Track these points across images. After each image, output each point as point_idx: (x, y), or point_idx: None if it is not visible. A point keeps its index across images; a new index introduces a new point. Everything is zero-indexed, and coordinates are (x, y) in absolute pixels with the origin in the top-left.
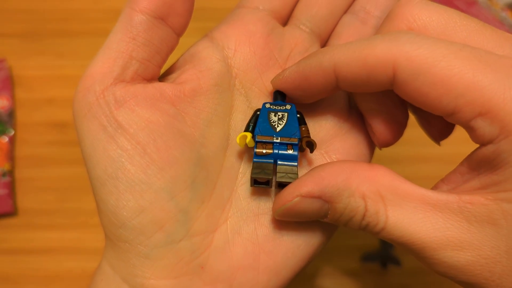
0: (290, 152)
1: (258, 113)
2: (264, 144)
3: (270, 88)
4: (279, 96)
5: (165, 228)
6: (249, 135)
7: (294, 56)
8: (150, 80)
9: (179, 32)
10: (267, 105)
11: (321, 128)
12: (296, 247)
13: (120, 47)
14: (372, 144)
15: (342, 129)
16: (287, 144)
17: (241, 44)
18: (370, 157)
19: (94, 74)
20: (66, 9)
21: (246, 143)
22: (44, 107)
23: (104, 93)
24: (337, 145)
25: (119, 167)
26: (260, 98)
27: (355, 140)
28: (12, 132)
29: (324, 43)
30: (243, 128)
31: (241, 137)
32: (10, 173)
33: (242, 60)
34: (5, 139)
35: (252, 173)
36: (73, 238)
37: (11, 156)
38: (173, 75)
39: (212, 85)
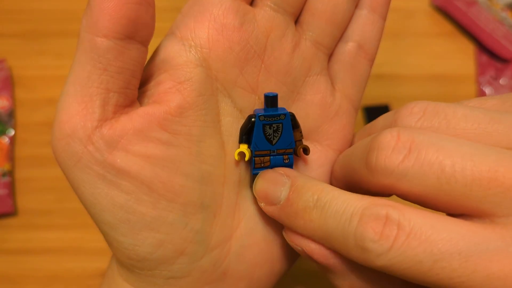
0: (286, 161)
1: (253, 120)
2: (262, 157)
3: (253, 84)
4: (270, 103)
5: (186, 252)
6: (247, 152)
7: (272, 43)
8: (130, 106)
9: (147, 44)
10: (261, 118)
11: (309, 117)
12: None
13: (92, 83)
14: (354, 125)
15: (328, 115)
16: (283, 154)
17: (215, 41)
18: (352, 138)
19: (72, 119)
20: (66, 9)
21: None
22: (44, 107)
23: (91, 139)
24: (326, 132)
25: (129, 211)
26: (245, 96)
27: (340, 123)
28: (12, 132)
29: (296, 18)
30: (234, 132)
31: (239, 153)
32: (10, 173)
33: (219, 60)
34: (5, 139)
35: (251, 185)
36: (73, 238)
37: (11, 156)
38: (149, 88)
39: (196, 97)
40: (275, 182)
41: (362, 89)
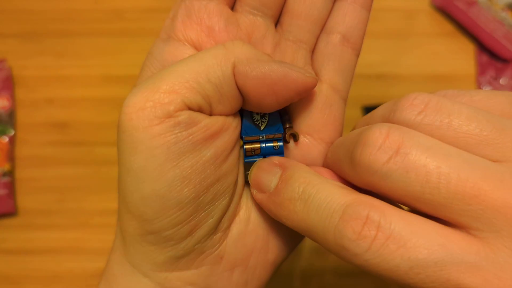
0: (276, 148)
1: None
2: (252, 143)
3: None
4: None
5: (194, 234)
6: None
7: (255, 43)
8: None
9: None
10: None
11: (296, 110)
12: None
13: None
14: (343, 116)
15: (317, 105)
16: (272, 140)
17: (203, 43)
18: (343, 128)
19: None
20: (66, 9)
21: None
22: (44, 107)
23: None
24: (316, 124)
25: (175, 189)
26: None
27: (330, 114)
28: (13, 132)
29: (276, 20)
30: None
31: None
32: (11, 173)
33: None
34: (6, 139)
35: (245, 175)
36: (73, 238)
37: (11, 156)
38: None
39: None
40: (268, 171)
41: (349, 79)
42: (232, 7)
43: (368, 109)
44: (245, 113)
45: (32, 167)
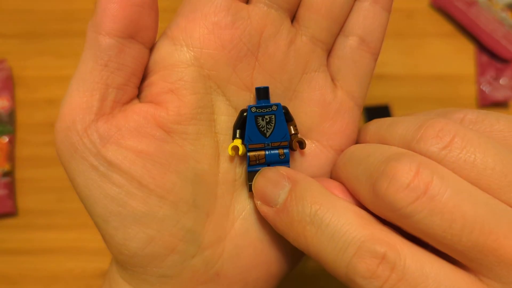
0: (282, 157)
1: (245, 114)
2: (256, 151)
3: (247, 81)
4: (262, 95)
5: (176, 249)
6: (239, 144)
7: (266, 40)
8: (128, 102)
9: (150, 46)
10: (253, 109)
11: (307, 116)
12: None
13: (94, 77)
14: (357, 124)
15: (329, 113)
16: (278, 148)
17: (206, 40)
18: (356, 135)
19: (73, 111)
20: (66, 9)
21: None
22: (44, 108)
23: (87, 131)
24: (327, 131)
25: (120, 203)
26: (239, 94)
27: (343, 122)
28: (13, 133)
29: (293, 14)
30: (229, 131)
31: (232, 148)
32: (10, 173)
33: (211, 58)
34: (5, 139)
35: (249, 186)
36: (73, 238)
37: (11, 156)
38: (142, 89)
39: (190, 95)
40: (275, 183)
41: (366, 86)
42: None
43: (368, 109)
44: (249, 118)
45: (32, 167)
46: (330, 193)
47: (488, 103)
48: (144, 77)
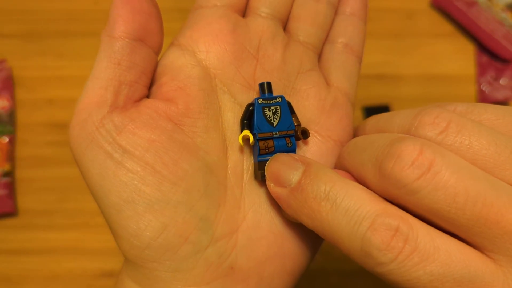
0: (289, 145)
1: (251, 108)
2: (266, 140)
3: (250, 80)
4: (266, 88)
5: (189, 239)
6: (250, 135)
7: (264, 44)
8: (139, 100)
9: (157, 51)
10: (260, 101)
11: (306, 109)
12: None
13: (107, 75)
14: (351, 118)
15: (325, 106)
16: (285, 137)
17: (210, 44)
18: (352, 130)
19: (89, 105)
20: (66, 9)
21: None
22: (45, 108)
23: (103, 121)
24: (324, 123)
25: (134, 189)
26: (243, 92)
27: (338, 114)
28: (13, 133)
29: (284, 26)
30: (236, 126)
31: (243, 137)
32: (11, 173)
33: (216, 60)
34: (6, 139)
35: (256, 175)
36: (73, 238)
37: (11, 156)
38: (153, 91)
39: (197, 91)
40: (289, 165)
41: (355, 84)
42: (243, 15)
43: (368, 109)
44: (257, 109)
45: (32, 167)
46: (341, 177)
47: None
48: (154, 81)
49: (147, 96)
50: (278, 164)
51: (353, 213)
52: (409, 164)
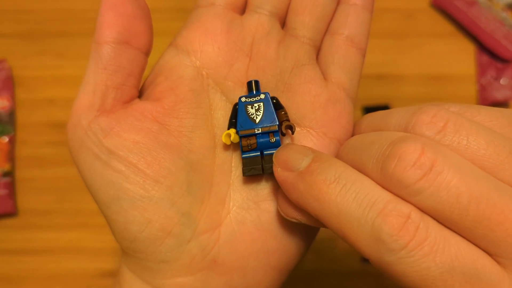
0: (272, 141)
1: (237, 107)
2: (248, 137)
3: (242, 78)
4: (254, 87)
5: (172, 232)
6: (232, 132)
7: (258, 41)
8: (129, 101)
9: (146, 51)
10: (243, 99)
11: (299, 106)
12: (300, 225)
13: (95, 80)
14: (351, 114)
15: (320, 102)
16: (268, 133)
17: (204, 44)
18: (352, 127)
19: (79, 110)
20: (66, 9)
21: (231, 140)
22: (44, 107)
23: (90, 125)
24: (319, 119)
25: (119, 188)
26: (236, 90)
27: (335, 110)
28: (12, 133)
29: (283, 21)
30: (226, 124)
31: (225, 135)
32: (10, 173)
33: (209, 59)
34: (5, 139)
35: (243, 171)
36: (73, 238)
37: (11, 156)
38: (148, 91)
39: (187, 91)
40: (299, 151)
41: (356, 79)
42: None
43: (368, 109)
44: (239, 107)
45: (32, 167)
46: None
47: (488, 103)
48: (152, 80)
49: (141, 95)
50: (288, 150)
51: (363, 197)
52: (411, 165)
